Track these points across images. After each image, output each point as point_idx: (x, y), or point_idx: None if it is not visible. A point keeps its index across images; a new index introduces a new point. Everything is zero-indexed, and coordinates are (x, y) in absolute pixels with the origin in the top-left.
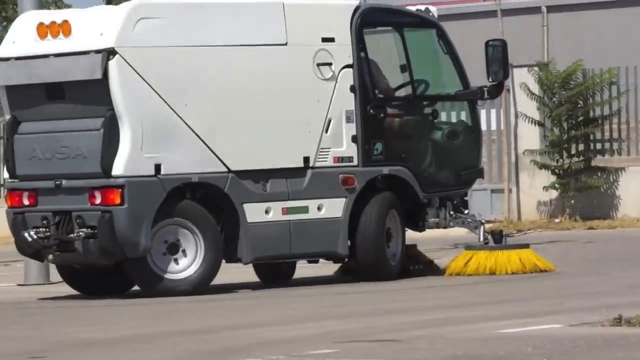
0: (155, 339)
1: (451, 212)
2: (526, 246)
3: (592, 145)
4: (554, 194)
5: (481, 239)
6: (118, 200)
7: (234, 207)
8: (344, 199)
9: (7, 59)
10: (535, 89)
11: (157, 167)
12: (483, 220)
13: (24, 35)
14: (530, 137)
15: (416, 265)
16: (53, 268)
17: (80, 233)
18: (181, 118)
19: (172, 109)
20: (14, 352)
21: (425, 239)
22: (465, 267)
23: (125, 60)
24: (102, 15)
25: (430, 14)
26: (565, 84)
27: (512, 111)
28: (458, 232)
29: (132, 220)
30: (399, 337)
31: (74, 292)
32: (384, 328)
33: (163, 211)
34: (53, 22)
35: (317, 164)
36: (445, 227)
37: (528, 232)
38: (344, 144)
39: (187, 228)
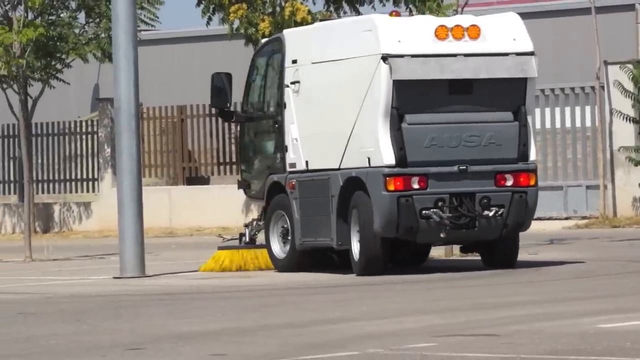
0: (256, 332)
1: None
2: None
3: None
4: None
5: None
6: (533, 182)
7: None
8: None
9: (400, 56)
10: (630, 86)
11: None
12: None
13: (412, 36)
14: (625, 134)
15: None
16: (150, 260)
17: (494, 211)
18: None
19: None
20: (111, 344)
21: (520, 235)
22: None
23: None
24: (504, 22)
25: None
26: None
27: (607, 108)
28: (554, 227)
29: (537, 199)
30: (498, 331)
31: (174, 284)
32: (483, 322)
33: None
34: (458, 26)
35: None
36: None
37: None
38: None
39: None
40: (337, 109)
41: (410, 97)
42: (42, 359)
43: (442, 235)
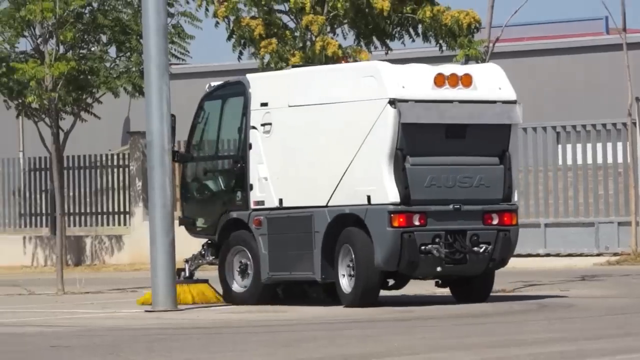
0: None
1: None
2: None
3: None
4: None
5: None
6: (515, 222)
7: None
8: None
9: (405, 101)
10: None
11: None
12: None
13: (414, 83)
14: None
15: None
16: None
17: (484, 247)
18: None
19: None
20: None
21: (552, 271)
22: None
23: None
24: (489, 72)
25: None
26: None
27: (639, 144)
28: (585, 263)
29: (517, 237)
30: None
31: (206, 317)
32: (514, 359)
33: None
34: (453, 74)
35: None
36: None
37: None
38: None
39: None
40: (325, 149)
41: (413, 140)
42: None
43: (438, 270)
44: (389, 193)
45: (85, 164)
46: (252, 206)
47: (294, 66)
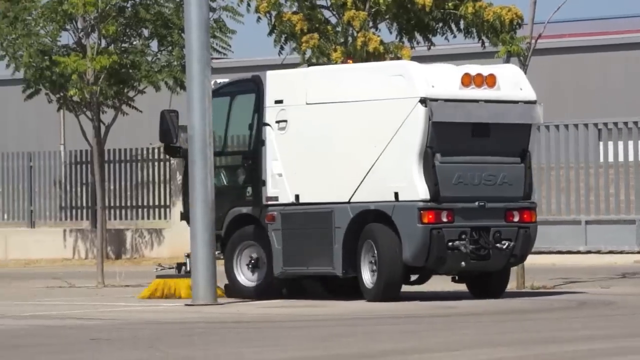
0: None
1: None
2: None
3: None
4: None
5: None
6: (534, 219)
7: None
8: None
9: (435, 100)
10: None
11: None
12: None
13: (442, 82)
14: None
15: None
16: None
17: (506, 244)
18: None
19: None
20: None
21: (592, 268)
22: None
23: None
24: (510, 73)
25: None
26: None
27: None
28: (626, 261)
29: (536, 234)
30: None
31: (246, 312)
32: (554, 356)
33: None
34: (479, 74)
35: None
36: None
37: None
38: None
39: None
40: (347, 147)
41: (442, 138)
42: None
43: (462, 265)
44: (419, 190)
45: (126, 157)
46: (265, 202)
47: (309, 65)
